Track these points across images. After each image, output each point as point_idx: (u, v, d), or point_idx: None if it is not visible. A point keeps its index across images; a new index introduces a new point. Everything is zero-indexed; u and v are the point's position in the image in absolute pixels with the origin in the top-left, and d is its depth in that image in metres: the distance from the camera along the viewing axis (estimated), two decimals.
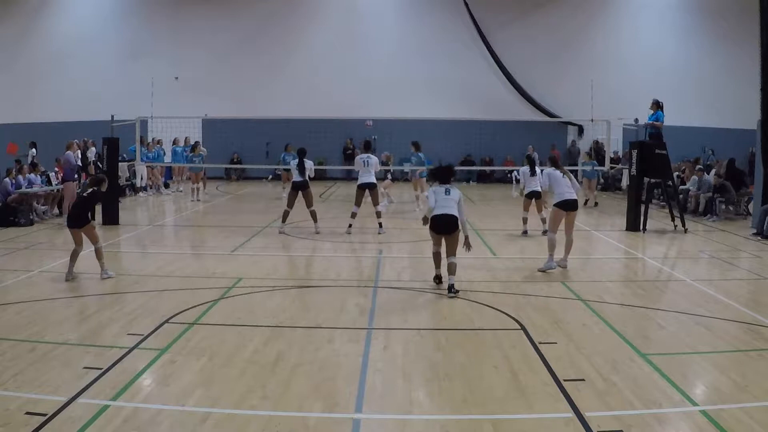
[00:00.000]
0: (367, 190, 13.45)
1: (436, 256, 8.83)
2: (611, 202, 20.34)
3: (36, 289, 8.65)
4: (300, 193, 13.26)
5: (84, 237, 9.30)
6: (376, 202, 13.84)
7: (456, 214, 8.44)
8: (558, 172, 10.16)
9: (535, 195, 13.29)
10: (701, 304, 8.14)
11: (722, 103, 25.29)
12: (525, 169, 13.84)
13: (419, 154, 17.60)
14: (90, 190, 9.45)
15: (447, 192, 8.54)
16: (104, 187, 9.66)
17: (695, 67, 26.33)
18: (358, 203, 13.41)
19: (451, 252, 8.43)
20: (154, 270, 9.91)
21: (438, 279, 8.89)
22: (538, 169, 13.20)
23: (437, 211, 8.44)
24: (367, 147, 14.07)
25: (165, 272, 9.75)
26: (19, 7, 27.10)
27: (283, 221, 13.40)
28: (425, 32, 27.12)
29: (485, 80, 26.88)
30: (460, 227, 8.47)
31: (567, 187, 10.00)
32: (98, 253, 9.30)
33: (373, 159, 13.66)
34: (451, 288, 8.35)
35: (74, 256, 9.19)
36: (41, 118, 25.39)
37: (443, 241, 8.56)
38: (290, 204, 13.33)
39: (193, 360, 5.99)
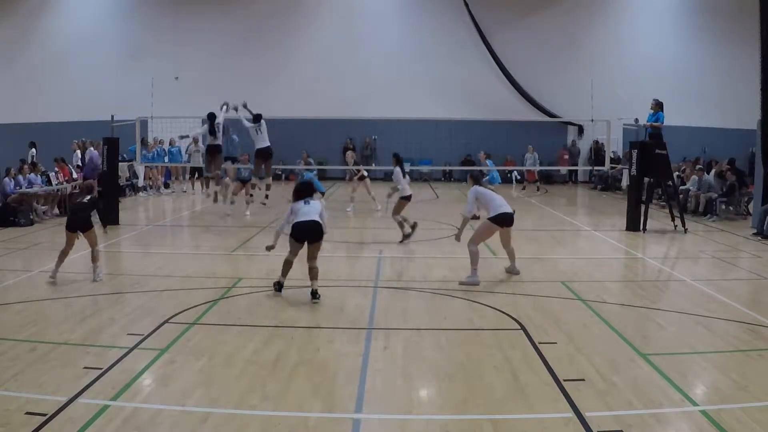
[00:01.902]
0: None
1: (288, 264, 8.44)
2: (611, 202, 20.34)
3: (36, 289, 8.65)
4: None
5: (79, 241, 9.32)
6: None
7: (319, 220, 8.23)
8: (484, 189, 9.51)
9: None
10: (701, 304, 8.14)
11: (722, 103, 25.29)
12: (397, 170, 12.69)
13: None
14: (89, 197, 9.62)
15: (306, 203, 8.35)
16: (95, 192, 9.72)
17: (695, 67, 26.33)
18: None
19: (313, 256, 8.22)
20: (154, 270, 9.91)
21: (279, 286, 8.48)
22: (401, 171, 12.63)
23: (300, 218, 8.19)
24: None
25: (165, 272, 9.75)
26: (19, 7, 27.09)
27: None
28: (425, 32, 27.11)
29: (485, 80, 26.87)
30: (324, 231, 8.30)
31: (501, 201, 9.34)
32: (95, 256, 9.28)
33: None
34: (315, 293, 8.14)
35: (62, 257, 9.18)
36: (41, 118, 25.39)
37: (306, 247, 8.25)
38: None
39: (193, 360, 5.99)
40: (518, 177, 24.01)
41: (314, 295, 8.13)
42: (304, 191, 8.58)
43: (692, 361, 6.16)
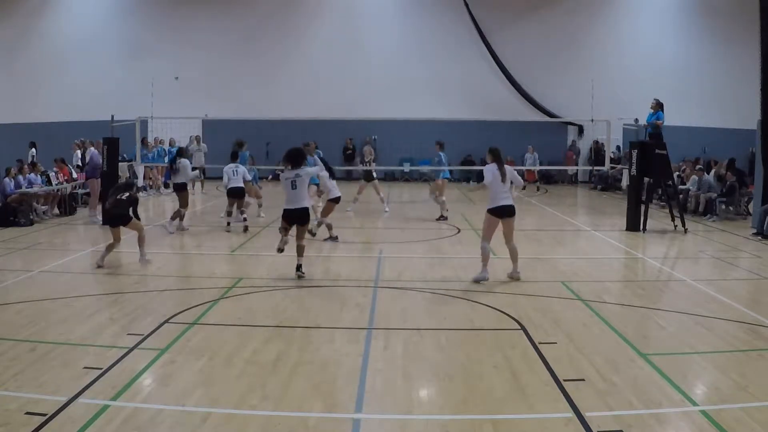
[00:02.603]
0: None
1: (283, 230, 9.51)
2: (611, 202, 20.34)
3: (36, 289, 8.65)
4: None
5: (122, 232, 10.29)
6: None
7: (306, 205, 9.35)
8: (496, 171, 9.07)
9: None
10: (701, 304, 8.14)
11: (722, 103, 25.27)
12: (324, 174, 12.19)
13: (441, 153, 16.02)
14: (127, 194, 10.35)
15: (294, 186, 9.25)
16: (134, 190, 10.85)
17: (695, 67, 26.32)
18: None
19: (301, 236, 9.38)
20: (154, 270, 9.91)
21: (280, 251, 9.57)
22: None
23: (288, 206, 9.30)
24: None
25: (165, 272, 9.76)
26: (19, 7, 27.08)
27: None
28: (425, 32, 27.10)
29: (485, 80, 26.87)
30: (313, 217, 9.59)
31: (503, 192, 9.09)
32: (141, 240, 10.27)
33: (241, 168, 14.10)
34: (299, 267, 9.25)
35: (110, 248, 10.13)
36: (41, 118, 25.38)
37: (295, 228, 9.41)
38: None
39: (193, 360, 5.99)
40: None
41: (299, 269, 9.22)
42: (296, 157, 9.40)
43: (692, 361, 6.16)
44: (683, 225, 14.02)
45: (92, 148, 15.30)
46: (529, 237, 13.19)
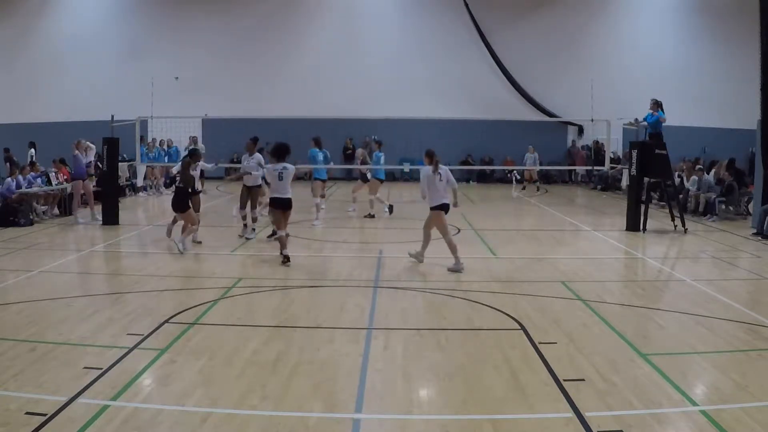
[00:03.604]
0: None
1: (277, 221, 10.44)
2: (611, 202, 20.34)
3: (36, 289, 8.65)
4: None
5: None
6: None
7: (290, 196, 10.36)
8: (431, 174, 9.88)
9: (281, 204, 10.46)
10: (701, 304, 8.14)
11: (722, 103, 25.28)
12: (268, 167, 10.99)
13: (378, 153, 16.53)
14: (182, 185, 11.53)
15: (280, 177, 10.26)
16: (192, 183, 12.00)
17: (695, 67, 26.33)
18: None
19: (285, 226, 10.39)
20: (154, 270, 9.91)
21: (274, 233, 10.91)
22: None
23: (274, 194, 10.35)
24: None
25: (165, 272, 9.76)
26: (19, 7, 27.08)
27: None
28: (425, 32, 27.11)
29: (485, 80, 26.88)
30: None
31: (441, 191, 9.97)
32: (186, 230, 11.33)
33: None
34: (287, 258, 10.09)
35: (175, 221, 11.87)
36: (41, 118, 25.38)
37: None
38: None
39: (193, 360, 5.99)
40: (518, 177, 24.00)
41: (286, 260, 10.07)
42: (282, 152, 10.43)
43: (692, 361, 6.16)
44: (683, 225, 14.02)
45: (76, 151, 15.18)
46: (529, 237, 13.20)
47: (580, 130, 27.52)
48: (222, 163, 22.03)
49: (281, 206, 10.40)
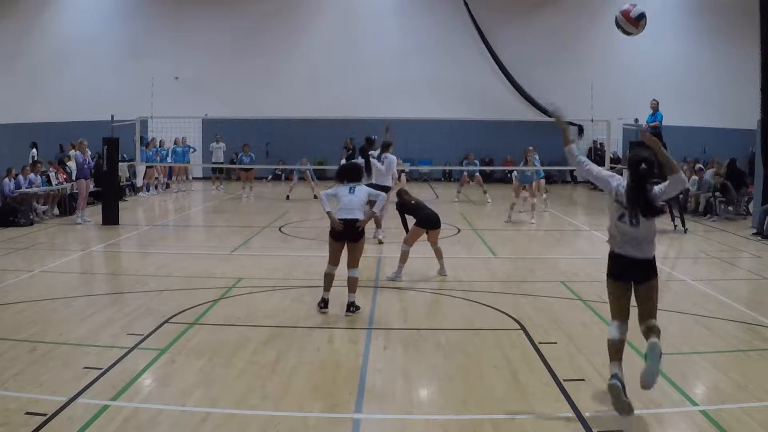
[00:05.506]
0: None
1: (329, 278, 7.57)
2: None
3: (36, 289, 8.65)
4: None
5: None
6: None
7: (361, 217, 7.45)
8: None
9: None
10: (701, 304, 8.14)
11: (722, 103, 25.26)
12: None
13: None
14: None
15: (351, 190, 7.59)
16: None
17: (695, 67, 26.31)
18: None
19: (354, 263, 7.47)
20: (154, 270, 9.91)
21: (324, 303, 7.55)
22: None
23: (341, 215, 7.43)
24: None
25: (165, 272, 9.75)
26: (19, 6, 27.06)
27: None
28: (425, 32, 27.09)
29: (485, 80, 26.85)
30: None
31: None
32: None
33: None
34: (350, 306, 7.43)
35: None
36: (41, 118, 25.36)
37: (345, 249, 7.50)
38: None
39: (193, 360, 5.99)
40: (517, 176, 23.92)
41: (350, 308, 7.43)
42: (351, 174, 7.78)
43: (692, 361, 6.16)
44: (683, 225, 14.03)
45: (73, 151, 15.26)
46: (529, 237, 13.20)
47: (580, 130, 27.50)
48: (222, 163, 22.20)
49: (347, 236, 7.55)
